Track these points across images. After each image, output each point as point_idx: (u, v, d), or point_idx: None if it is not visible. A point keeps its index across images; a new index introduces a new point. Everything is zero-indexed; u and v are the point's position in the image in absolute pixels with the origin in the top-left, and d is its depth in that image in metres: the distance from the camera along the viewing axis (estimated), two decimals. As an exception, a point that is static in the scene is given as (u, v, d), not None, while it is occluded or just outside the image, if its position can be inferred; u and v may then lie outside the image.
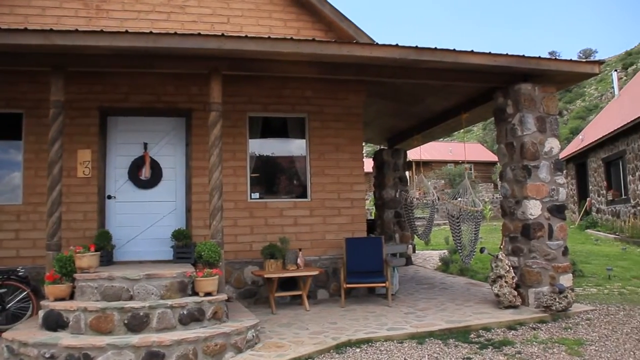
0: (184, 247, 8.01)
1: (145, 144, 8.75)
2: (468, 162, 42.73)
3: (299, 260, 8.44)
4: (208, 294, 6.21)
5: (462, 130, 12.38)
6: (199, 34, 6.67)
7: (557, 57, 7.75)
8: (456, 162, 41.22)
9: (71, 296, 6.18)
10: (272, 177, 9.57)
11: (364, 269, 8.76)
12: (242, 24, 9.32)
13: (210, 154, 6.93)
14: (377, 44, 7.57)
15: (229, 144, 8.81)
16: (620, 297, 8.78)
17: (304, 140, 9.53)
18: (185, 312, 5.92)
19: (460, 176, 32.13)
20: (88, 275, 6.19)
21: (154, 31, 6.79)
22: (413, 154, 32.66)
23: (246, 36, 6.85)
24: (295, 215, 9.24)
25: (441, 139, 45.34)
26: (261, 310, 8.11)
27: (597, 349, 5.95)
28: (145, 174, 8.68)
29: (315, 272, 8.33)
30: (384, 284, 8.42)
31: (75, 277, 6.24)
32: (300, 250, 8.63)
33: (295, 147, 9.61)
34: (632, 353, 5.78)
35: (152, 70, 7.53)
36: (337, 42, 7.14)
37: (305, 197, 9.40)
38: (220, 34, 6.82)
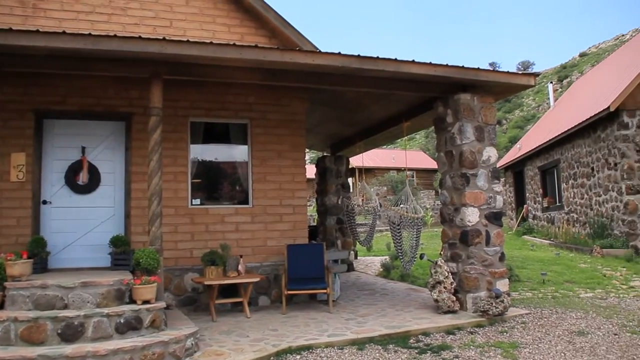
0: (122, 254, 7.82)
1: (83, 148, 8.51)
2: (410, 169, 43.34)
3: (240, 267, 8.37)
4: (146, 301, 6.09)
5: (405, 138, 12.53)
6: (140, 37, 6.55)
7: (495, 69, 7.95)
8: (399, 169, 41.75)
9: (1, 306, 5.94)
10: (214, 183, 9.48)
11: (305, 276, 8.76)
12: (185, 28, 9.21)
13: (149, 159, 6.79)
14: (319, 51, 7.62)
15: (170, 149, 8.69)
16: (553, 300, 9.05)
17: (246, 146, 9.49)
18: (122, 321, 5.78)
19: (403, 183, 32.54)
20: (20, 284, 5.97)
21: (93, 33, 6.61)
22: (357, 161, 32.86)
23: (188, 41, 6.76)
24: (237, 221, 9.18)
25: (384, 146, 45.98)
26: (202, 317, 7.99)
27: (530, 351, 6.14)
28: (82, 178, 8.44)
29: (257, 279, 8.29)
30: (325, 291, 8.44)
31: (5, 286, 6.00)
32: (241, 256, 8.58)
33: (238, 153, 9.56)
34: (563, 354, 5.98)
35: (91, 73, 7.33)
36: (279, 49, 7.13)
37: (247, 203, 9.35)
38: (161, 37, 6.74)
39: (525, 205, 23.93)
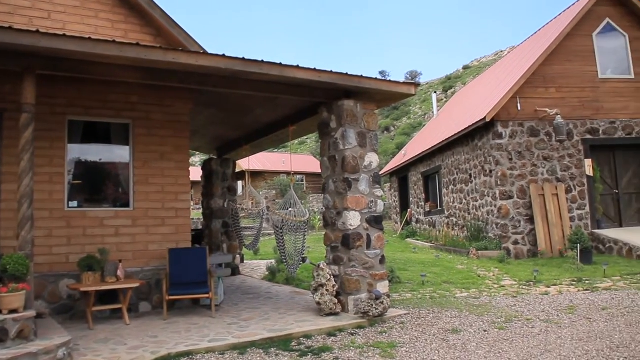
0: (-11, 260, 7.33)
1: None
2: (300, 173, 43.65)
3: (118, 272, 8.07)
4: (13, 311, 5.72)
5: (295, 142, 12.60)
6: (11, 28, 6.11)
7: (377, 77, 8.12)
8: (288, 173, 41.97)
9: None
10: (94, 184, 9.10)
11: (187, 280, 8.61)
12: (65, 21, 8.80)
13: (20, 159, 6.39)
14: (203, 52, 7.52)
15: (45, 148, 8.27)
16: (431, 301, 9.41)
17: (128, 147, 9.19)
18: (-16, 333, 5.41)
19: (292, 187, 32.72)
20: None
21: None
22: (247, 164, 32.63)
23: (65, 35, 6.40)
24: (117, 225, 8.87)
25: (275, 150, 46.09)
26: (78, 326, 7.65)
27: (407, 350, 6.35)
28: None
29: (136, 284, 8.03)
30: (207, 295, 8.33)
31: None
32: (120, 261, 8.27)
33: (120, 154, 9.24)
34: (437, 352, 6.25)
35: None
36: (162, 48, 6.93)
37: (128, 206, 9.05)
38: (35, 29, 6.35)
39: (409, 210, 24.78)
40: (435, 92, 33.83)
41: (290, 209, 9.58)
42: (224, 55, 7.07)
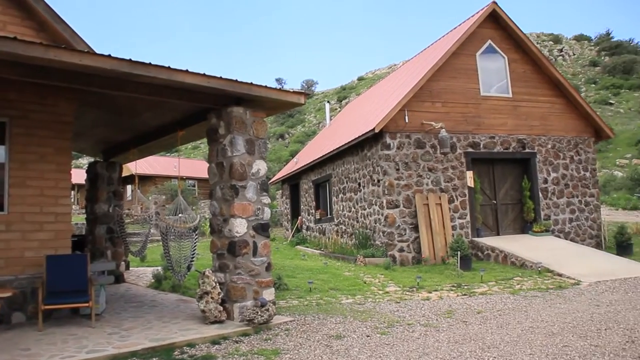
0: None
1: None
2: (192, 179, 42.94)
3: (-12, 281, 7.61)
4: None
5: (188, 146, 12.41)
6: None
7: (267, 85, 8.13)
8: (181, 178, 41.20)
9: None
10: (-36, 186, 8.53)
11: (66, 289, 8.23)
12: None
13: None
14: (88, 51, 7.25)
15: None
16: (317, 307, 9.53)
17: (3, 147, 8.67)
18: None
19: (183, 192, 32.14)
20: None
21: None
22: (139, 168, 31.66)
23: None
24: (-11, 230, 8.35)
25: (167, 154, 45.10)
26: (-62, 339, 7.14)
27: (291, 356, 6.41)
28: None
29: (8, 294, 7.52)
30: (87, 304, 7.99)
31: None
32: (-10, 269, 7.80)
33: (-6, 154, 8.71)
34: (320, 358, 6.35)
35: None
36: (43, 45, 6.60)
37: (2, 210, 8.53)
38: None
39: (299, 217, 24.99)
40: (328, 102, 34.39)
41: (180, 215, 9.42)
42: (109, 56, 6.83)
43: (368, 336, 7.36)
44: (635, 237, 17.94)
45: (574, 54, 77.75)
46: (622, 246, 15.78)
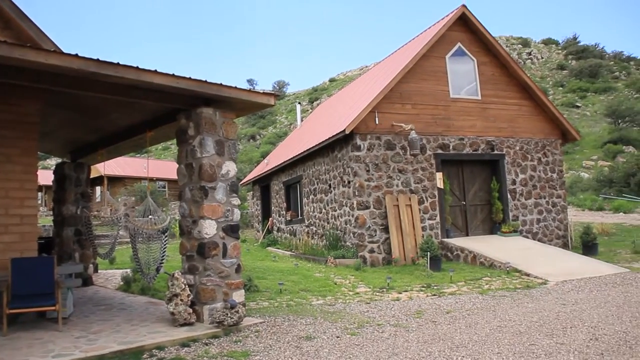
0: None
1: None
2: (162, 180, 42.56)
3: (-50, 285, 7.44)
4: None
5: (159, 147, 12.30)
6: None
7: (237, 86, 8.08)
8: (151, 179, 40.81)
9: None
10: None
11: (32, 292, 8.08)
12: None
13: None
14: (54, 51, 7.13)
15: None
16: (287, 309, 9.52)
17: (-34, 149, 8.52)
18: None
19: (153, 193, 31.84)
20: None
21: None
22: (106, 169, 31.31)
23: None
24: (-49, 232, 8.18)
25: (137, 155, 44.62)
26: None
27: (261, 358, 6.41)
28: None
29: (-30, 298, 7.44)
30: (54, 307, 7.86)
31: None
32: (-48, 272, 7.63)
33: (-43, 155, 8.53)
34: (290, 359, 6.37)
35: None
36: (7, 43, 6.46)
37: (-35, 212, 8.38)
38: None
39: (270, 218, 24.95)
40: (299, 103, 34.48)
41: (150, 217, 9.33)
42: (77, 55, 6.73)
43: (338, 337, 7.39)
44: (600, 237, 18.33)
45: (542, 58, 79.15)
46: (587, 246, 16.08)
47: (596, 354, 6.16)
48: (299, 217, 21.13)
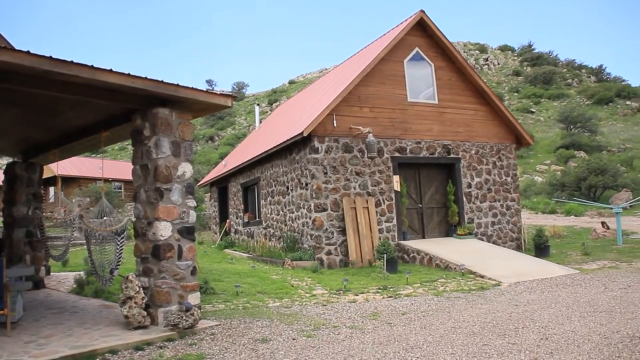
0: None
1: None
2: (119, 181, 41.84)
3: None
4: None
5: (116, 147, 12.10)
6: None
7: (194, 87, 8.02)
8: (106, 180, 40.13)
9: None
10: None
11: (-21, 295, 7.89)
12: None
13: None
14: (5, 47, 6.95)
15: None
16: (244, 311, 9.47)
17: None
18: None
19: (108, 194, 31.32)
20: None
21: None
22: (60, 169, 30.65)
23: None
24: None
25: (93, 155, 43.84)
26: None
27: (215, 361, 6.37)
28: None
29: None
30: (2, 312, 7.67)
31: None
32: None
33: None
34: (244, 362, 6.33)
35: None
36: (-45, 40, 6.34)
37: None
38: None
39: (227, 220, 24.80)
40: (258, 105, 34.37)
41: (105, 218, 9.17)
42: (28, 52, 6.58)
43: (294, 339, 7.40)
44: (552, 239, 18.81)
45: (499, 64, 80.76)
46: (540, 248, 16.46)
47: (546, 353, 6.32)
48: (257, 219, 21.06)
